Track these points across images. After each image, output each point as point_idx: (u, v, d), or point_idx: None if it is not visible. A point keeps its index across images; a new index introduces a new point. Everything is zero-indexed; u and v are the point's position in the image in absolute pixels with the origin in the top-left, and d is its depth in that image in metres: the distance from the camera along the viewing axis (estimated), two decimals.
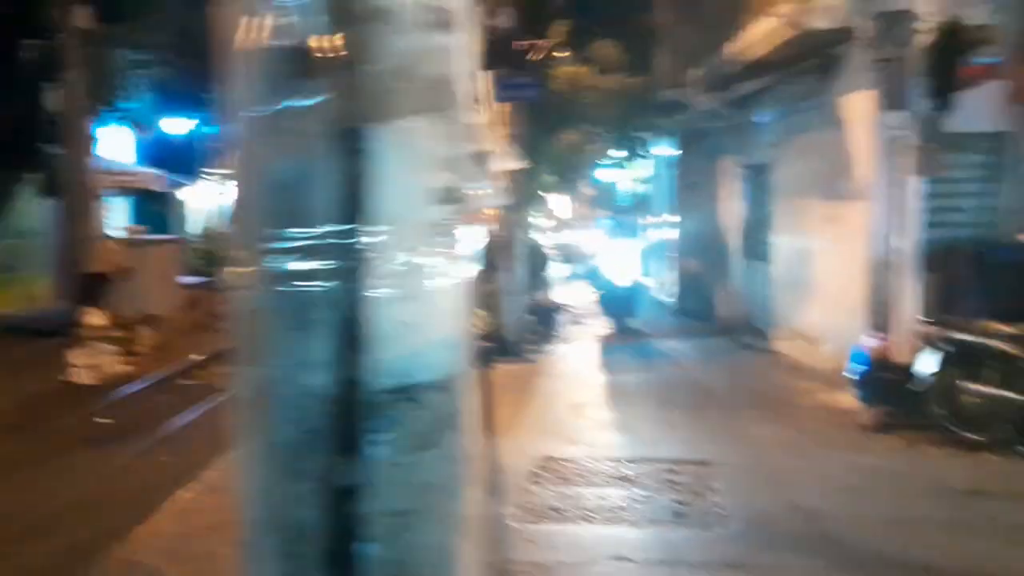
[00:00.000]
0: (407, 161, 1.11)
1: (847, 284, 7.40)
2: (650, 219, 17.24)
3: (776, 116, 9.50)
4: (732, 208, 11.35)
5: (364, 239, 1.08)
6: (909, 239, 6.37)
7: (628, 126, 13.68)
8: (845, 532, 4.38)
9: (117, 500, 5.58)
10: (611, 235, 15.34)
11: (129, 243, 12.13)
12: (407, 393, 1.13)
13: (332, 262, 1.08)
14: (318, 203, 1.09)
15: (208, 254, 17.06)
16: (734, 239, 11.22)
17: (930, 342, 6.18)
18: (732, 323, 10.39)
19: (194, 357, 10.70)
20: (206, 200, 24.43)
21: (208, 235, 18.97)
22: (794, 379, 8.02)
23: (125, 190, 18.06)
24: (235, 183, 1.15)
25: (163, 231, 16.70)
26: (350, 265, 1.07)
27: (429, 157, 1.14)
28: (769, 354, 9.10)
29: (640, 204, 18.64)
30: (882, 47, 6.65)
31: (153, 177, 18.20)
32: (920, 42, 6.45)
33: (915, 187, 6.43)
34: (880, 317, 6.69)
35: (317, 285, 1.08)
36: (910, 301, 6.41)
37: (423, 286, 1.15)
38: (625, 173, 19.83)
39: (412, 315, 1.14)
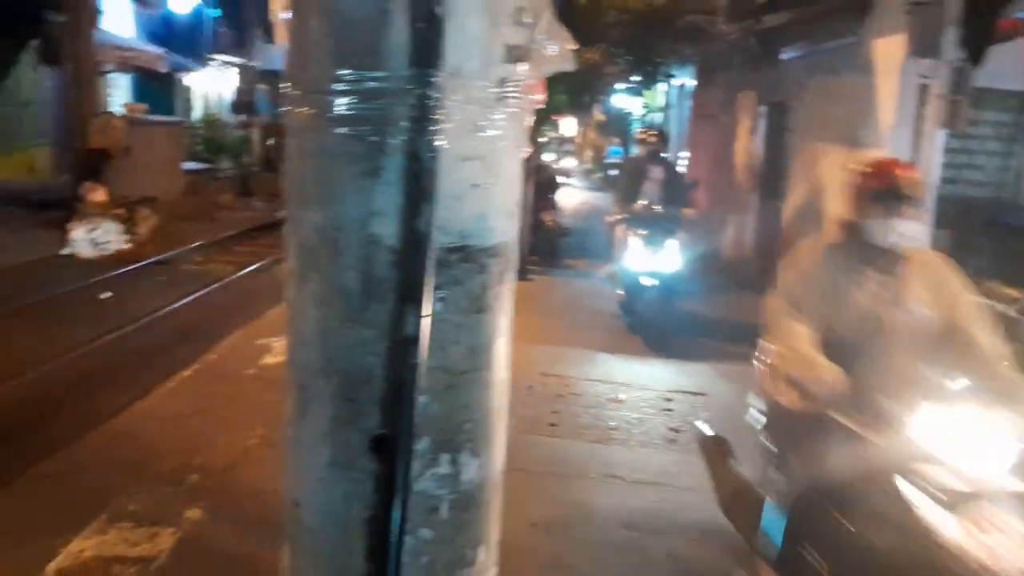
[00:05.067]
0: (483, 10, 1.05)
1: None
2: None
3: (802, 54, 9.26)
4: (747, 145, 11.19)
5: (436, 89, 1.03)
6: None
7: (649, 50, 13.33)
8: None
9: (116, 376, 5.64)
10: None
11: (130, 121, 11.88)
12: (467, 254, 1.11)
13: (403, 108, 1.03)
14: (390, 43, 1.03)
15: (210, 141, 16.76)
16: (746, 177, 11.11)
17: None
18: (738, 263, 10.37)
19: (193, 243, 10.68)
20: (210, 85, 23.88)
21: (210, 121, 18.61)
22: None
23: (126, 67, 17.60)
24: (297, 15, 1.09)
25: (163, 113, 16.37)
26: (421, 113, 1.03)
27: (505, 8, 1.08)
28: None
29: None
30: None
31: (155, 56, 17.71)
32: None
33: (937, 140, 6.33)
34: None
35: (387, 131, 1.04)
36: None
37: (490, 149, 1.11)
38: (640, 101, 19.44)
39: (478, 176, 1.10)
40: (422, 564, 1.15)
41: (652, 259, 6.83)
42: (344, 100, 1.05)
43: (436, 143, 1.04)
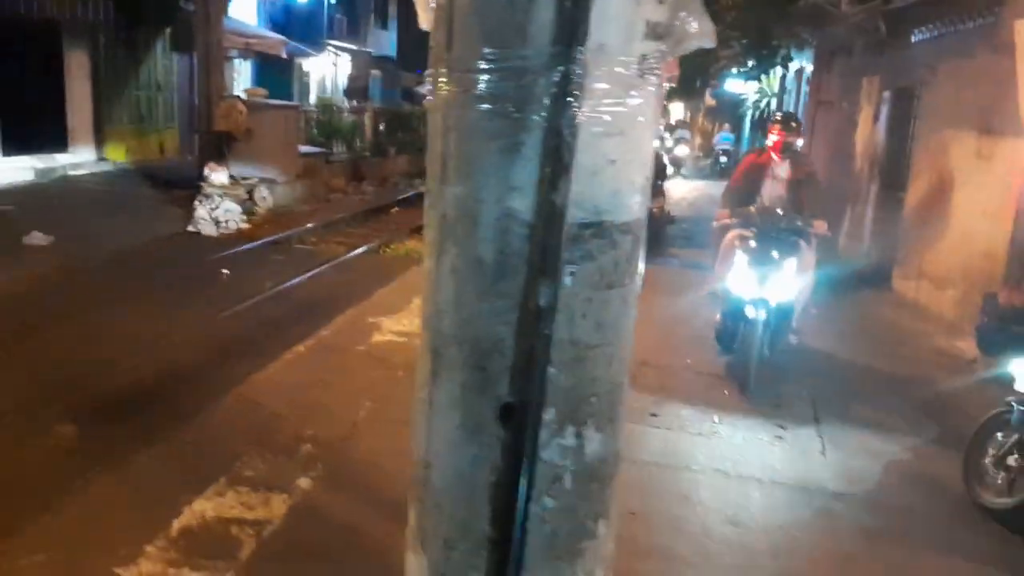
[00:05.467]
0: None
1: (988, 227, 6.93)
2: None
3: (933, 35, 8.75)
4: (868, 133, 10.68)
5: (579, 65, 1.05)
6: None
7: (765, 33, 12.88)
8: (934, 506, 4.04)
9: (238, 348, 5.96)
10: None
11: (251, 105, 12.42)
12: (600, 230, 1.12)
13: (545, 84, 1.05)
14: (536, 22, 1.05)
15: (324, 125, 17.32)
16: (867, 167, 10.61)
17: None
18: (853, 256, 9.94)
19: (307, 224, 11.12)
20: (325, 71, 24.65)
21: (325, 106, 19.22)
22: (913, 321, 7.60)
23: (249, 52, 18.36)
24: None
25: (281, 97, 17.01)
26: (563, 90, 1.05)
27: None
28: (889, 292, 8.67)
29: (763, 121, 17.72)
30: None
31: (276, 42, 18.41)
32: None
33: None
34: (1021, 266, 6.26)
35: (528, 107, 1.07)
36: None
37: (628, 125, 1.12)
38: (753, 86, 18.82)
39: (615, 152, 1.11)
40: (545, 532, 1.18)
41: (761, 283, 5.24)
42: (488, 78, 1.08)
43: (576, 119, 1.06)
